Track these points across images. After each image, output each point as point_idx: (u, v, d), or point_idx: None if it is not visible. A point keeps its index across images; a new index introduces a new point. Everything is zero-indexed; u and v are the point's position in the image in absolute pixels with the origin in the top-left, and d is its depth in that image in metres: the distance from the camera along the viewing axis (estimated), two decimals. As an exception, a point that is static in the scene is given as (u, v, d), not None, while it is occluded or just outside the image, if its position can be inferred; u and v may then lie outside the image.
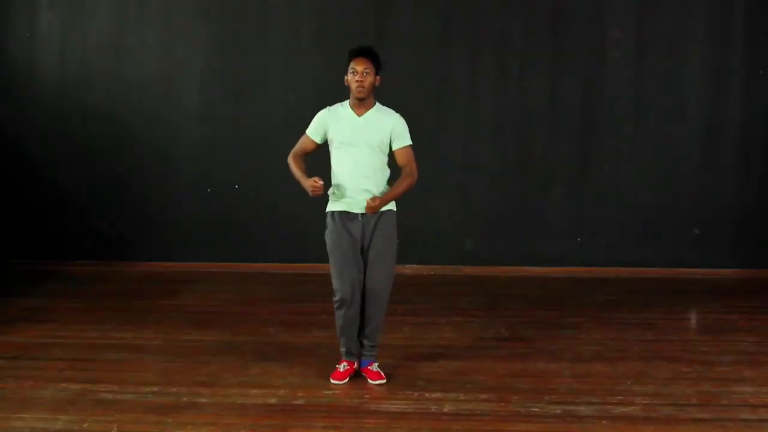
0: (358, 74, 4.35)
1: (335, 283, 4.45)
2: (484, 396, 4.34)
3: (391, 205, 4.48)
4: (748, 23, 7.35)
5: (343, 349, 4.60)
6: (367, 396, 4.35)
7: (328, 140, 4.47)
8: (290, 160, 4.46)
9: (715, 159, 7.49)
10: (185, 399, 4.29)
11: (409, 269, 7.50)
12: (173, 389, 4.42)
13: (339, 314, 4.49)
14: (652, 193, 7.49)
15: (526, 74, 7.47)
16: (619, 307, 6.25)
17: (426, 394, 4.36)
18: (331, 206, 4.46)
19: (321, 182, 4.24)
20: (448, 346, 5.26)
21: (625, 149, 7.50)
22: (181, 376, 4.62)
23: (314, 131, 4.49)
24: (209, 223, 7.63)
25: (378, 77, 4.44)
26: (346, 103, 4.49)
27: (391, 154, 4.51)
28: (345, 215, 4.41)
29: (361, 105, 4.43)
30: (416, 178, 4.47)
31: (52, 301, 6.40)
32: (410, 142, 4.49)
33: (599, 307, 6.29)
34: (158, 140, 7.64)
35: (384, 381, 4.51)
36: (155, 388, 4.43)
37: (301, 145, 4.53)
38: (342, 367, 4.59)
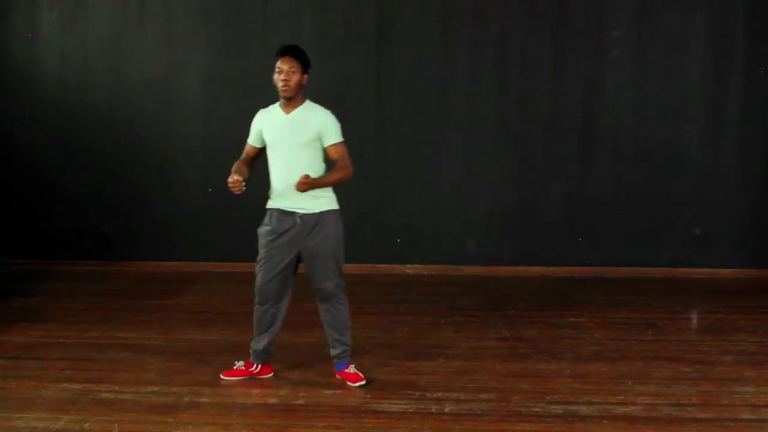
0: (283, 73, 4.37)
1: (258, 280, 4.53)
2: (485, 396, 4.34)
3: (331, 204, 4.45)
4: (750, 22, 7.34)
5: (252, 343, 4.63)
6: (368, 396, 4.35)
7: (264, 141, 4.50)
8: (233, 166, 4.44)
9: (715, 158, 7.49)
10: (186, 399, 4.29)
11: (410, 269, 7.51)
12: (174, 389, 4.42)
13: (255, 307, 4.59)
14: (653, 193, 7.49)
15: (526, 74, 7.47)
16: (619, 307, 6.25)
17: (427, 394, 4.36)
18: (268, 203, 4.51)
19: (235, 177, 4.24)
20: (449, 346, 5.26)
21: (625, 149, 7.50)
22: (183, 376, 4.63)
23: (251, 136, 4.56)
24: (210, 223, 7.63)
25: (305, 75, 4.43)
26: (277, 104, 4.52)
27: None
28: (281, 213, 4.42)
29: (289, 104, 4.43)
30: (351, 173, 4.40)
31: (53, 301, 6.40)
32: (340, 139, 4.41)
33: (600, 306, 6.29)
34: (159, 140, 7.64)
35: (363, 382, 4.49)
36: (156, 388, 4.43)
37: (245, 151, 4.60)
38: (238, 365, 4.63)
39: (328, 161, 4.47)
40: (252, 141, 4.56)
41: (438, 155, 7.53)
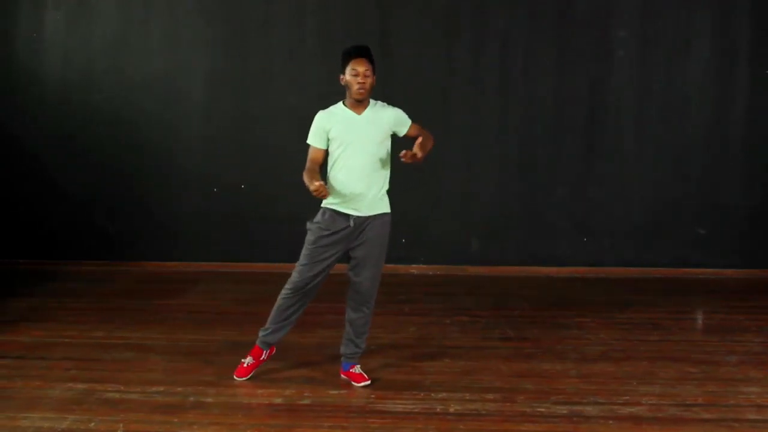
0: (360, 76, 4.30)
1: (296, 274, 4.44)
2: (490, 396, 4.33)
3: (386, 207, 4.47)
4: (754, 22, 7.33)
5: (265, 334, 4.57)
6: (373, 396, 4.35)
7: (330, 142, 4.39)
8: (304, 175, 4.28)
9: (720, 158, 7.47)
10: (191, 399, 4.29)
11: (414, 269, 7.51)
12: (179, 389, 4.42)
13: (285, 300, 4.49)
14: (658, 193, 7.48)
15: (530, 73, 7.46)
16: (624, 307, 6.24)
17: (432, 394, 4.36)
18: (325, 201, 4.42)
19: (319, 183, 4.16)
20: (454, 346, 5.26)
21: (630, 149, 7.49)
22: (187, 376, 4.63)
23: (318, 139, 4.40)
24: (213, 223, 7.63)
25: (374, 76, 4.40)
26: (340, 104, 4.45)
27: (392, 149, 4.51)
28: (335, 213, 4.38)
29: (360, 105, 4.40)
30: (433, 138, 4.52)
31: (57, 301, 6.41)
32: (410, 120, 4.50)
33: (604, 307, 6.28)
34: (162, 140, 7.64)
35: (368, 382, 4.50)
36: (161, 388, 4.43)
37: (312, 158, 4.39)
38: (249, 360, 4.60)
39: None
40: (320, 144, 4.39)
41: (441, 155, 7.44)
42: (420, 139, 4.32)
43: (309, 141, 4.42)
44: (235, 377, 4.59)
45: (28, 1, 7.59)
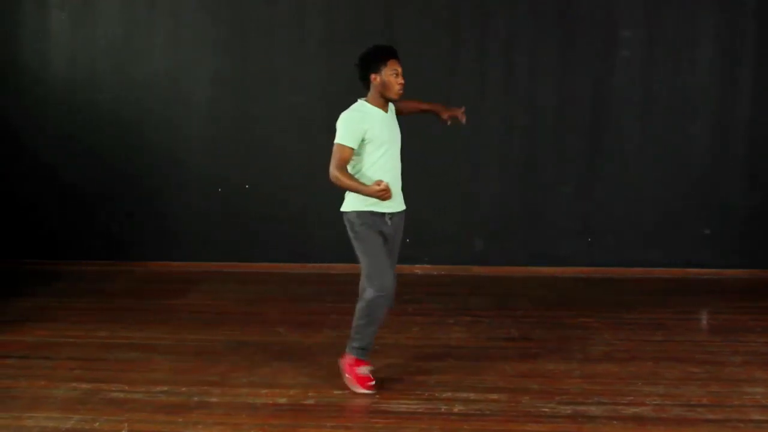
0: (400, 76, 4.34)
1: (379, 279, 4.25)
2: (494, 396, 4.34)
3: (403, 202, 4.53)
4: (759, 21, 7.31)
5: (363, 348, 4.42)
6: (377, 396, 4.35)
7: (364, 142, 4.28)
8: (339, 175, 4.17)
9: (725, 159, 7.46)
10: (195, 398, 4.30)
11: (418, 269, 7.50)
12: (183, 389, 4.43)
13: (378, 311, 4.30)
14: (662, 193, 7.47)
15: (532, 73, 7.45)
16: (628, 308, 6.24)
17: (436, 394, 4.36)
18: (357, 205, 4.31)
19: (385, 183, 4.09)
20: (458, 346, 5.26)
21: (634, 149, 7.48)
22: (191, 376, 4.64)
23: (353, 139, 4.24)
24: (217, 223, 7.63)
25: None
26: (365, 103, 4.40)
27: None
28: (372, 214, 4.30)
29: (385, 103, 4.42)
30: None
31: (61, 301, 6.42)
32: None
33: (609, 307, 6.27)
34: (166, 140, 7.65)
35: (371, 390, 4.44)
36: (165, 388, 4.44)
37: (344, 158, 4.23)
38: (366, 369, 4.43)
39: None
40: (354, 144, 4.25)
41: (446, 155, 7.52)
42: (428, 106, 4.83)
43: (343, 141, 4.23)
44: (363, 390, 4.37)
45: (33, 1, 7.59)
